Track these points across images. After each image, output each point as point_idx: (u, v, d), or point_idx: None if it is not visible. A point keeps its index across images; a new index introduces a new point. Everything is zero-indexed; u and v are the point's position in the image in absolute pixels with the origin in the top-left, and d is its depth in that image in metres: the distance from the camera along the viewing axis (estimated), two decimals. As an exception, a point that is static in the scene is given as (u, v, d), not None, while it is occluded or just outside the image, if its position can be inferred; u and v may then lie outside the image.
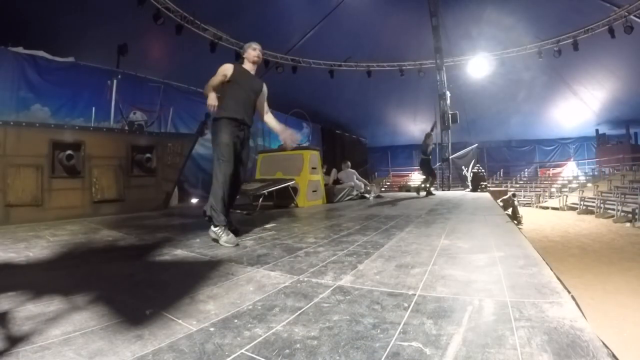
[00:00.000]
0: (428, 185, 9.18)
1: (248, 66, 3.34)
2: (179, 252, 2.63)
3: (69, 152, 5.04)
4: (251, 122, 3.31)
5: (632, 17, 13.13)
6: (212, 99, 2.94)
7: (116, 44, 10.06)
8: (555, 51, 15.56)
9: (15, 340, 1.17)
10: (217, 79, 3.08)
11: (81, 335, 1.21)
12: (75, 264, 2.43)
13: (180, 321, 1.33)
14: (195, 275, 1.98)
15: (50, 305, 1.52)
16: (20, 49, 7.66)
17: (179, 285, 1.83)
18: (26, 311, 1.45)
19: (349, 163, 9.40)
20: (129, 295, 1.69)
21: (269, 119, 3.54)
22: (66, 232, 3.75)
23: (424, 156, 9.24)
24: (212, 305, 1.50)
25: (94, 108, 7.77)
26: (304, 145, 9.26)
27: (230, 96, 3.14)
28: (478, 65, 17.21)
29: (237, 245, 2.83)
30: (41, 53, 7.98)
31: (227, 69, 3.16)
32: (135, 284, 1.87)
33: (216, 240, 2.91)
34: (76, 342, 1.16)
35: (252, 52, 3.33)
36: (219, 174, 2.99)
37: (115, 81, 7.78)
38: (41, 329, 1.27)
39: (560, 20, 14.70)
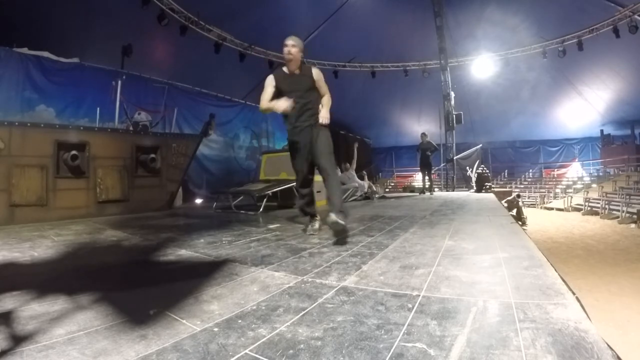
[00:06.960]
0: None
1: (288, 67, 3.18)
2: (183, 252, 2.64)
3: (73, 152, 5.07)
4: (311, 118, 3.15)
5: (636, 16, 13.04)
6: (282, 103, 2.89)
7: (121, 44, 10.09)
8: (559, 51, 15.47)
9: (19, 339, 1.18)
10: (267, 92, 3.09)
11: (85, 335, 1.22)
12: (79, 263, 2.44)
13: (184, 321, 1.33)
14: (199, 276, 1.98)
15: (55, 304, 1.53)
16: (25, 50, 7.72)
17: (183, 285, 1.83)
18: (30, 310, 1.46)
19: (348, 165, 9.47)
20: (133, 295, 1.70)
21: (323, 101, 3.25)
22: (71, 232, 3.77)
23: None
24: (216, 305, 1.51)
25: (98, 108, 7.81)
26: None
27: None
28: (482, 66, 17.15)
29: (316, 233, 3.23)
30: (46, 54, 8.04)
31: (270, 81, 3.14)
32: (139, 284, 1.88)
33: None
34: (80, 341, 1.17)
35: (284, 50, 3.11)
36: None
37: (119, 82, 7.81)
38: (45, 328, 1.28)
39: (564, 20, 14.61)
